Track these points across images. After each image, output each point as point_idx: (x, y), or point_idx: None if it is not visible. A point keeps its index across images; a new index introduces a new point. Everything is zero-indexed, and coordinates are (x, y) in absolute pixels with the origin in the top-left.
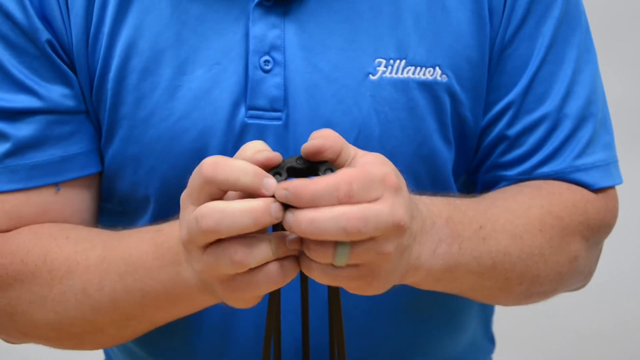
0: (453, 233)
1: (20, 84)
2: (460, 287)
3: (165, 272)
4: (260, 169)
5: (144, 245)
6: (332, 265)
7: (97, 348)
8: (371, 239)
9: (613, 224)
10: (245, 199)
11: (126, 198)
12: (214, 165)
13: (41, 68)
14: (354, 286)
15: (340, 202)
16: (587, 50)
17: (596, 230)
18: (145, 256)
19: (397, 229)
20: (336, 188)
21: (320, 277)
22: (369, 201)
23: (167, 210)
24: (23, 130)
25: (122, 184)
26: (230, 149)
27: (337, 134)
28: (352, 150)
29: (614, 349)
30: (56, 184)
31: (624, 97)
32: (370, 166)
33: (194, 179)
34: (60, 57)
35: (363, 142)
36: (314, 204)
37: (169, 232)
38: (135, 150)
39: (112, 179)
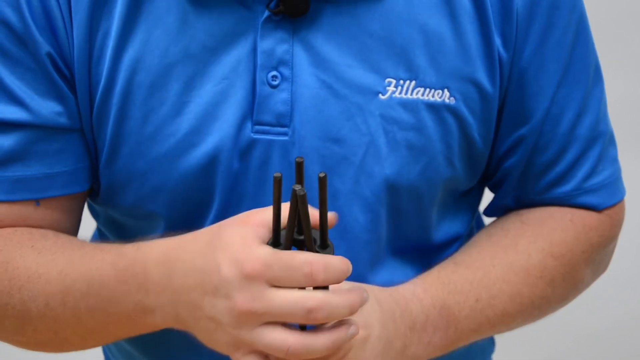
0: (448, 319)
1: (11, 94)
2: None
3: (128, 299)
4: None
5: (105, 268)
6: None
7: (60, 352)
8: None
9: (618, 235)
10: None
11: (131, 211)
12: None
13: (35, 81)
14: None
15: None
16: (596, 69)
17: (602, 249)
18: (107, 280)
19: None
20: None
21: None
22: None
23: (178, 224)
24: (9, 142)
25: (127, 198)
26: (236, 164)
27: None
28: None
29: (614, 349)
30: (36, 200)
31: (624, 97)
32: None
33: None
34: (59, 70)
35: (370, 160)
36: None
37: (133, 258)
38: (141, 166)
39: (116, 193)
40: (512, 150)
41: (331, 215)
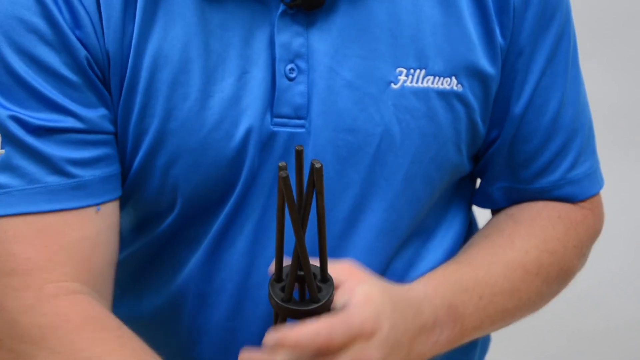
0: (455, 317)
1: (55, 103)
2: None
3: None
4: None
5: None
6: None
7: None
8: None
9: (601, 229)
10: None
11: (149, 204)
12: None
13: (75, 90)
14: None
15: (320, 349)
16: (575, 63)
17: (588, 243)
18: None
19: None
20: (317, 335)
21: None
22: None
23: (193, 212)
24: (63, 150)
25: (148, 191)
26: (258, 157)
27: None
28: (348, 285)
29: (610, 348)
30: (96, 205)
31: (622, 99)
32: (352, 312)
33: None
34: (95, 74)
35: (385, 149)
36: (297, 347)
37: None
38: (164, 161)
39: (137, 186)
40: (497, 138)
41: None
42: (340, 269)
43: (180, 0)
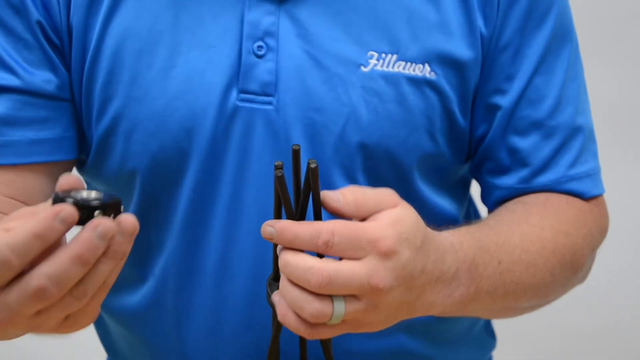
0: (474, 276)
1: (1, 61)
2: (469, 314)
3: None
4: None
5: None
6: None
7: None
8: (353, 296)
9: (608, 227)
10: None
11: (113, 176)
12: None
13: (26, 49)
14: (347, 331)
15: (318, 250)
16: (575, 64)
17: (598, 238)
18: None
19: (374, 292)
20: (317, 235)
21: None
22: (350, 258)
23: (153, 186)
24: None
25: (112, 159)
26: (221, 131)
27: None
28: (389, 201)
29: (610, 348)
30: (17, 164)
31: (622, 97)
32: (371, 225)
33: None
34: (49, 39)
35: (351, 129)
36: (294, 245)
37: None
38: (126, 127)
39: (102, 154)
40: (488, 130)
41: None
42: (384, 193)
43: None
